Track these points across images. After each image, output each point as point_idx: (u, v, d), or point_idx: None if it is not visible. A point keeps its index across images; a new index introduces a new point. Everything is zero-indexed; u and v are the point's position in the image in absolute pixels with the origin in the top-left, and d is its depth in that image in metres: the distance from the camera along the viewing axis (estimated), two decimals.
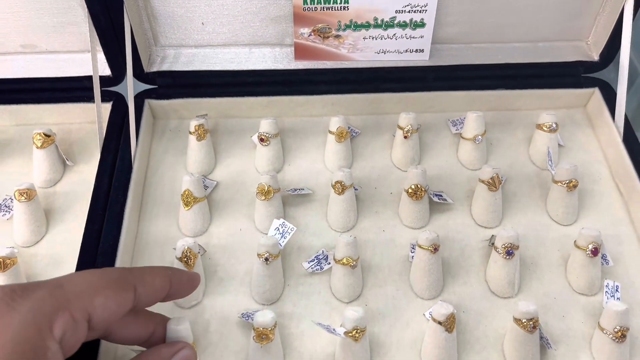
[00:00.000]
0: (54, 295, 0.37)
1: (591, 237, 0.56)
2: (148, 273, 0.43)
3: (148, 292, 0.42)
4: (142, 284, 0.42)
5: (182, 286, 0.46)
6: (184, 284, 0.46)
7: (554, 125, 0.65)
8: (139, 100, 0.68)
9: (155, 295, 0.43)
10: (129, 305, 0.40)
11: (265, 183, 0.59)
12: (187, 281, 0.46)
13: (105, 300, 0.38)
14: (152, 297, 0.43)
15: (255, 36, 0.69)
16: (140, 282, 0.41)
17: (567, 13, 0.68)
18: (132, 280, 0.41)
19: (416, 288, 0.57)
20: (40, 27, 0.66)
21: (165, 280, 0.44)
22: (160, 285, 0.43)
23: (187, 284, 0.46)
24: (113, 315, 0.39)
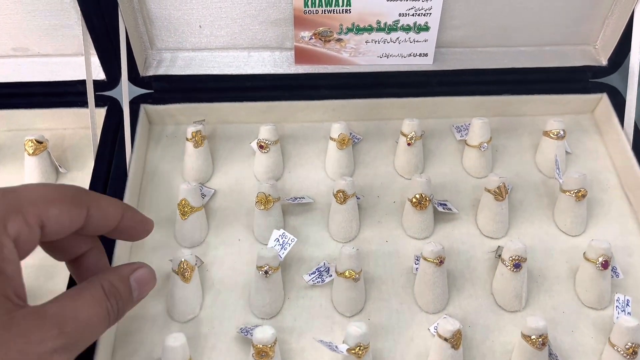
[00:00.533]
0: (7, 198, 0.37)
1: (601, 249, 0.54)
2: (103, 199, 0.43)
3: (100, 215, 0.42)
4: (96, 206, 0.42)
5: (134, 224, 0.45)
6: (136, 222, 0.46)
7: (561, 132, 0.64)
8: (134, 105, 0.66)
9: (106, 221, 0.43)
10: (80, 222, 0.41)
11: (264, 192, 0.57)
12: (139, 221, 0.46)
13: (59, 213, 0.39)
14: (102, 222, 0.42)
15: (255, 39, 0.67)
16: (94, 204, 0.41)
17: (575, 16, 0.67)
18: (87, 200, 0.41)
19: (420, 302, 0.55)
20: (32, 29, 0.64)
21: (118, 211, 0.44)
22: (112, 214, 0.43)
23: (140, 224, 0.46)
24: (64, 229, 0.40)
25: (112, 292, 0.41)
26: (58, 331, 0.35)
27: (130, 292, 0.44)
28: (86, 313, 0.38)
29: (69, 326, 0.36)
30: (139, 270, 0.44)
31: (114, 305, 0.41)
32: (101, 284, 0.41)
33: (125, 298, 0.43)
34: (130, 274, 0.44)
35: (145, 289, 0.45)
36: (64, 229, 0.40)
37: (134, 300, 0.44)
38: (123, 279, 0.43)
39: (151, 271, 0.46)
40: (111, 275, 0.42)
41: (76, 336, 0.37)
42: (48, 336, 0.35)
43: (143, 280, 0.45)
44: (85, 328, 0.38)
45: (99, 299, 0.40)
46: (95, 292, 0.40)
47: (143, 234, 0.47)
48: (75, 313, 0.37)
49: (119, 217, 0.44)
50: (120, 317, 0.42)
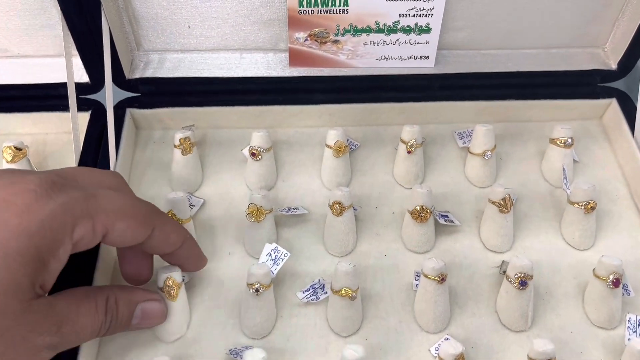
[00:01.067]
0: (86, 201, 0.39)
1: (612, 266, 0.51)
2: (169, 224, 0.45)
3: (161, 238, 0.44)
4: (160, 229, 0.44)
5: (189, 255, 0.48)
6: (192, 254, 0.49)
7: (569, 140, 0.61)
8: (119, 109, 0.63)
9: (165, 246, 0.45)
10: (140, 240, 0.43)
11: (256, 204, 0.54)
12: (195, 255, 0.49)
13: (125, 228, 0.41)
14: (162, 245, 0.45)
15: (247, 40, 0.64)
16: (159, 226, 0.44)
17: (583, 18, 0.64)
18: (154, 221, 0.44)
19: (421, 321, 0.52)
20: (11, 29, 0.61)
21: (179, 239, 0.46)
22: (173, 240, 0.46)
23: (194, 258, 0.49)
24: (124, 242, 0.42)
25: (112, 310, 0.43)
26: (57, 329, 0.38)
27: (130, 318, 0.45)
28: (83, 320, 0.40)
29: (67, 327, 0.39)
30: (151, 303, 0.46)
31: (107, 322, 0.43)
32: (107, 297, 0.43)
33: (122, 321, 0.44)
34: (142, 301, 0.46)
35: (148, 322, 0.47)
36: (124, 242, 0.42)
37: (132, 327, 0.46)
38: (130, 302, 0.45)
39: (163, 309, 0.47)
40: (122, 293, 0.44)
41: (67, 338, 0.39)
42: (48, 331, 0.38)
43: (149, 314, 0.47)
44: (78, 334, 0.40)
45: (100, 311, 0.42)
46: (100, 303, 0.42)
47: (193, 268, 0.49)
48: (77, 316, 0.40)
49: (178, 244, 0.46)
50: (109, 334, 0.44)
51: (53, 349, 0.39)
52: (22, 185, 0.38)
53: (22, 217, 0.36)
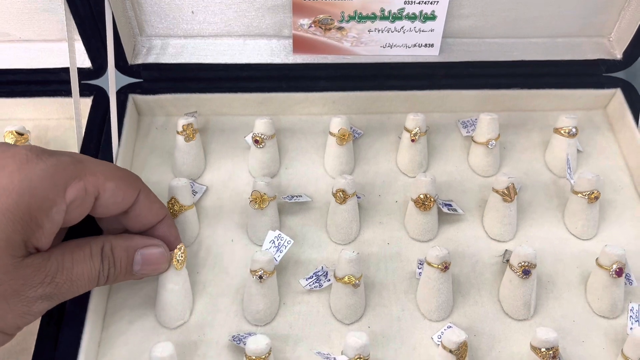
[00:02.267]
0: (75, 164, 0.41)
1: (615, 256, 0.51)
2: (152, 193, 0.47)
3: (146, 205, 0.45)
4: (146, 195, 0.45)
5: (170, 233, 0.48)
6: (172, 234, 0.48)
7: (573, 129, 0.60)
8: (122, 95, 0.62)
9: (149, 214, 0.46)
10: (129, 202, 0.44)
11: (259, 190, 0.54)
12: (175, 234, 0.49)
13: (115, 188, 0.42)
14: (147, 213, 0.46)
15: (250, 27, 0.63)
16: (145, 192, 0.45)
17: (589, 7, 0.63)
18: (140, 185, 0.45)
19: (424, 309, 0.52)
20: (13, 13, 0.60)
21: (162, 210, 0.47)
22: (156, 210, 0.46)
23: (174, 238, 0.49)
24: (115, 205, 0.43)
25: (108, 256, 0.43)
26: (51, 279, 0.39)
27: (130, 264, 0.45)
28: (79, 269, 0.41)
29: (62, 277, 0.39)
30: (150, 249, 0.45)
31: (105, 269, 0.42)
32: (102, 245, 0.43)
33: (121, 268, 0.44)
34: (140, 247, 0.45)
35: (150, 268, 0.46)
36: (115, 205, 0.43)
37: (135, 275, 0.46)
38: (128, 248, 0.44)
39: (163, 254, 0.46)
40: (118, 241, 0.44)
41: (63, 288, 0.40)
42: (41, 282, 0.38)
43: (150, 260, 0.46)
44: (74, 283, 0.40)
45: (95, 259, 0.42)
46: (94, 251, 0.42)
47: (170, 248, 0.48)
48: (71, 265, 0.40)
49: (161, 216, 0.47)
50: (110, 283, 0.44)
51: (48, 299, 0.39)
52: (13, 150, 0.39)
53: (13, 177, 0.38)
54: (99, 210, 0.43)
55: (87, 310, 0.48)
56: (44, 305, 0.40)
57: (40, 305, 0.39)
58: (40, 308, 0.40)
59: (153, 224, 0.47)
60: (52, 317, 0.48)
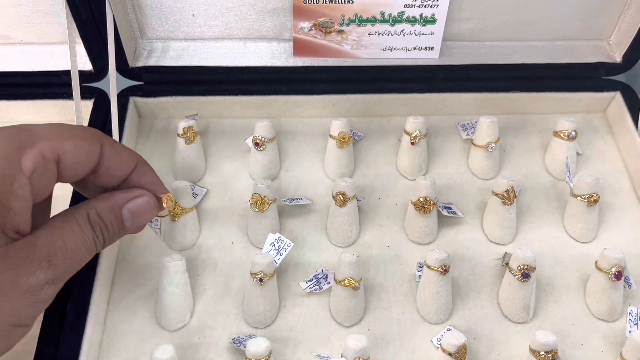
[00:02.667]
0: (22, 133, 0.38)
1: (614, 259, 0.51)
2: (118, 143, 0.43)
3: (113, 156, 0.42)
4: (111, 146, 0.42)
5: (148, 179, 0.45)
6: (150, 179, 0.45)
7: (572, 132, 0.61)
8: (123, 97, 0.62)
9: (119, 164, 0.43)
10: (94, 158, 0.41)
11: (260, 193, 0.54)
12: (155, 180, 0.46)
13: (74, 147, 0.39)
14: (116, 164, 0.42)
15: (251, 29, 0.63)
16: (109, 143, 0.42)
17: (588, 10, 0.63)
18: (101, 138, 0.41)
19: (423, 311, 0.53)
20: (14, 16, 0.60)
21: (133, 157, 0.44)
22: (126, 158, 0.43)
23: (155, 183, 0.46)
24: (80, 165, 0.40)
25: (97, 222, 0.41)
26: (48, 263, 0.37)
27: (121, 222, 0.43)
28: (74, 243, 0.39)
29: (58, 257, 0.37)
30: (135, 201, 0.43)
31: (99, 236, 0.41)
32: (87, 212, 0.40)
33: (113, 228, 0.42)
34: (124, 203, 0.43)
35: (140, 219, 0.44)
36: (80, 165, 0.40)
37: (128, 230, 0.44)
38: (114, 208, 0.42)
39: (149, 201, 0.44)
40: (100, 203, 0.42)
41: (64, 267, 0.38)
42: (39, 268, 0.36)
43: (138, 211, 0.44)
44: (73, 259, 0.39)
45: (85, 229, 0.40)
46: (82, 221, 0.40)
47: (160, 192, 0.46)
48: (63, 243, 0.38)
49: (132, 164, 0.44)
50: (107, 245, 0.43)
51: (53, 283, 0.38)
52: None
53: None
54: (66, 174, 0.40)
55: (88, 313, 0.48)
56: (51, 290, 0.38)
57: (47, 291, 0.37)
58: (49, 293, 0.38)
59: (127, 173, 0.44)
60: (53, 320, 0.48)
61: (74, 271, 0.39)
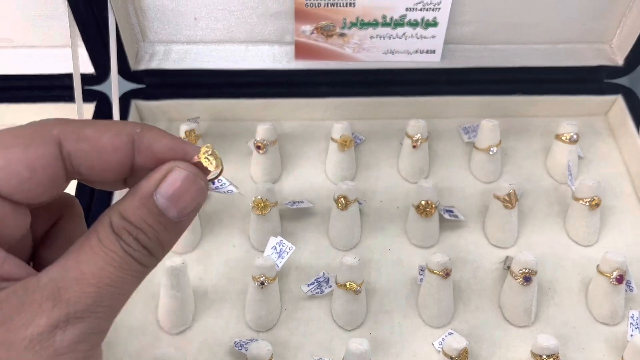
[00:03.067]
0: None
1: (616, 262, 0.51)
2: (90, 126, 0.28)
3: (85, 148, 0.28)
4: (74, 137, 0.28)
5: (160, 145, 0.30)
6: (164, 143, 0.30)
7: (574, 136, 0.61)
8: (124, 100, 0.62)
9: (101, 157, 0.28)
10: (51, 169, 0.27)
11: (261, 197, 0.54)
12: (173, 144, 0.30)
13: (7, 163, 0.26)
14: (95, 157, 0.28)
15: (253, 33, 0.63)
16: (70, 134, 0.28)
17: (590, 13, 0.63)
18: (55, 133, 0.27)
19: (425, 315, 0.53)
20: (17, 19, 0.60)
21: (122, 139, 0.28)
22: (110, 143, 0.28)
23: (183, 148, 0.30)
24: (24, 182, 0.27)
25: (124, 227, 0.28)
26: (53, 302, 0.26)
27: (160, 216, 0.29)
28: (94, 266, 0.27)
29: (71, 290, 0.27)
30: (165, 182, 0.29)
31: (133, 243, 0.28)
32: (110, 219, 0.28)
33: (153, 227, 0.29)
34: (152, 190, 0.29)
35: (186, 200, 0.29)
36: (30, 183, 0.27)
37: (177, 220, 0.29)
38: (142, 201, 0.29)
39: (184, 174, 0.29)
40: (125, 202, 0.29)
41: (85, 299, 0.27)
42: (39, 312, 0.26)
43: (175, 192, 0.29)
44: (100, 285, 0.27)
45: (108, 241, 0.28)
46: (103, 233, 0.28)
47: (189, 156, 0.30)
48: (79, 271, 0.27)
49: (126, 148, 0.29)
50: (160, 252, 0.29)
51: (69, 323, 0.26)
52: None
53: None
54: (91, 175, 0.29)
55: None
56: (69, 333, 0.26)
57: (64, 336, 0.26)
58: (68, 338, 0.26)
59: (118, 164, 0.29)
60: None
61: (111, 301, 0.28)
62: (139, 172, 0.29)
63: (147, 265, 0.29)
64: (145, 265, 0.29)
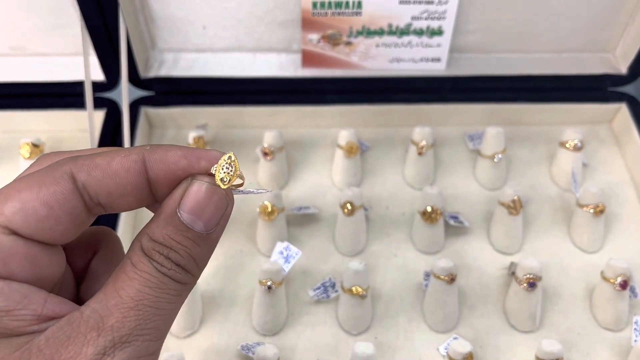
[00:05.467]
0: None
1: (620, 268, 0.52)
2: (99, 155, 0.28)
3: (98, 176, 0.28)
4: (86, 168, 0.27)
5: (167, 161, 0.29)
6: (171, 158, 0.29)
7: (578, 143, 0.61)
8: (134, 107, 0.63)
9: (115, 181, 0.28)
10: (69, 203, 0.27)
11: (268, 203, 0.55)
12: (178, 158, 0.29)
13: (22, 204, 0.27)
14: (109, 182, 0.28)
15: (260, 41, 0.64)
16: (81, 166, 0.28)
17: (594, 23, 0.64)
18: (67, 169, 0.27)
19: (430, 320, 0.53)
20: (29, 28, 0.62)
21: (132, 158, 0.28)
22: (121, 166, 0.28)
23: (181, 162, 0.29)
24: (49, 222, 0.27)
25: (154, 249, 0.28)
26: (97, 331, 0.26)
27: (187, 231, 0.29)
28: (131, 291, 0.27)
29: (113, 317, 0.27)
30: (186, 198, 0.28)
31: (166, 262, 0.28)
32: (140, 243, 0.28)
33: (183, 244, 0.29)
34: (176, 207, 0.29)
35: (208, 212, 0.29)
36: (43, 221, 0.27)
37: (207, 233, 0.29)
38: (167, 220, 0.29)
39: (203, 187, 0.29)
40: (152, 224, 0.29)
41: (129, 325, 0.27)
42: (85, 343, 0.26)
43: (199, 206, 0.29)
44: (140, 308, 0.27)
45: (140, 264, 0.28)
46: (136, 257, 0.28)
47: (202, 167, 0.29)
48: (118, 298, 0.27)
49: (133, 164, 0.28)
50: (192, 271, 0.29)
51: (117, 348, 0.26)
52: None
53: None
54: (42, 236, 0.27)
55: None
56: (123, 355, 0.27)
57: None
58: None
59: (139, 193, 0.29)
60: None
61: (154, 322, 0.27)
62: (161, 189, 0.29)
63: (185, 283, 0.28)
64: (182, 283, 0.28)
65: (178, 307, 0.28)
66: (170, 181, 0.29)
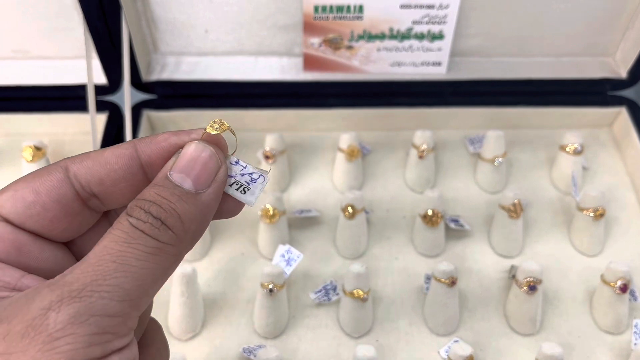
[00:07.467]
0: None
1: (620, 272, 0.52)
2: (94, 151, 0.28)
3: (89, 164, 0.27)
4: (79, 160, 0.27)
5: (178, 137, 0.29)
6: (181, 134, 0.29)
7: (579, 147, 0.61)
8: (136, 110, 0.64)
9: (106, 167, 0.27)
10: (56, 190, 0.27)
11: (269, 206, 0.55)
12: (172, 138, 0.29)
13: (14, 192, 0.27)
14: (100, 169, 0.27)
15: (262, 45, 0.65)
16: (75, 159, 0.28)
17: (594, 27, 0.64)
18: (62, 162, 0.28)
19: (431, 323, 0.53)
20: (32, 31, 0.62)
21: (123, 146, 0.28)
22: (112, 154, 0.28)
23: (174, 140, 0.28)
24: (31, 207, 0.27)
25: (135, 204, 0.26)
26: (50, 289, 0.24)
27: (175, 187, 0.27)
28: (97, 248, 0.25)
29: (70, 276, 0.24)
30: (178, 160, 0.27)
31: (143, 215, 0.25)
32: (126, 209, 0.26)
33: (166, 198, 0.26)
34: (167, 171, 0.27)
35: (196, 169, 0.27)
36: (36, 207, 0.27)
37: (192, 194, 0.27)
38: (157, 182, 0.27)
39: (197, 145, 0.28)
40: (144, 192, 0.27)
41: (84, 279, 0.24)
42: (35, 300, 0.24)
43: (188, 164, 0.27)
44: (99, 264, 0.24)
45: (117, 223, 0.26)
46: (119, 222, 0.26)
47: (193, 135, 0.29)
48: (85, 258, 0.25)
49: (124, 150, 0.28)
50: (175, 228, 0.26)
51: (59, 307, 0.23)
52: None
53: None
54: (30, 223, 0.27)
55: None
56: (65, 314, 0.23)
57: (58, 318, 0.23)
58: (62, 320, 0.23)
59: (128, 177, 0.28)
60: None
61: (116, 280, 0.24)
62: (157, 172, 0.28)
63: (161, 240, 0.25)
64: (158, 240, 0.25)
65: (155, 269, 0.25)
66: (163, 160, 0.28)
